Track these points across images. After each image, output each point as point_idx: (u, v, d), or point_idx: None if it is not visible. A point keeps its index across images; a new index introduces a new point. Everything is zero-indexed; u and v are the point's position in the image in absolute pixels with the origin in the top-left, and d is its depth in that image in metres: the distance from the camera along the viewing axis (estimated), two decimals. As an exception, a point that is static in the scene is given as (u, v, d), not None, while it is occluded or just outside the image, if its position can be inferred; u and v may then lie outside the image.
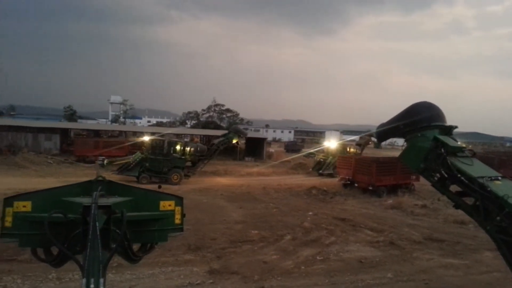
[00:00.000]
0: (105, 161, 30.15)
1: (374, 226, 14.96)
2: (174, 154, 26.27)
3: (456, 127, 5.44)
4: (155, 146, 26.44)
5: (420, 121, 5.32)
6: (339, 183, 25.56)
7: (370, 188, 22.75)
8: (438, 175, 5.22)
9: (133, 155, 27.32)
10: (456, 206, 5.36)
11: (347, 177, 24.81)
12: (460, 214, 12.68)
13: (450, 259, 11.36)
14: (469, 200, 5.12)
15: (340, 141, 40.03)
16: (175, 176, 25.75)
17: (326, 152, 36.10)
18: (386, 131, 5.91)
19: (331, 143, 37.24)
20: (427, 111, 5.39)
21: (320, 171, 33.66)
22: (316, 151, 40.54)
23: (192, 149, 27.36)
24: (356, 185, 23.91)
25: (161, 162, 25.73)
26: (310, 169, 35.96)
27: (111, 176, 25.03)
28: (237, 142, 30.02)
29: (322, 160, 35.36)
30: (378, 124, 6.27)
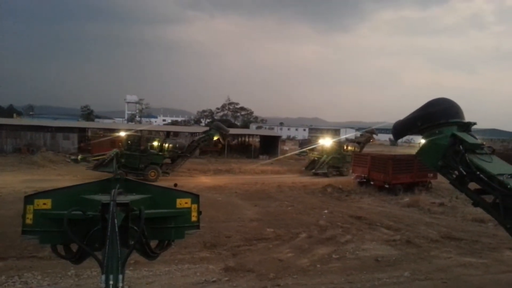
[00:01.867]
0: (79, 157, 28.63)
1: (390, 225, 14.82)
2: (151, 150, 25.67)
3: (474, 123, 5.34)
4: (131, 142, 25.86)
5: (436, 117, 5.24)
6: (354, 181, 25.31)
7: (386, 186, 22.49)
8: (456, 172, 5.13)
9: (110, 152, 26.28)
10: (475, 204, 5.27)
11: (362, 175, 24.51)
12: (479, 212, 12.45)
13: (469, 258, 11.17)
14: (489, 198, 5.04)
15: (335, 139, 38.65)
16: (152, 173, 25.07)
17: (320, 151, 34.88)
18: (402, 128, 5.83)
19: (326, 141, 35.74)
20: (443, 107, 5.31)
21: (313, 171, 32.43)
22: (309, 150, 39.32)
23: (170, 145, 26.60)
24: (371, 183, 23.68)
25: (137, 158, 25.18)
26: (303, 168, 34.91)
27: (86, 172, 25.21)
28: (218, 140, 29.34)
29: (316, 159, 34.23)
30: (394, 121, 6.19)
